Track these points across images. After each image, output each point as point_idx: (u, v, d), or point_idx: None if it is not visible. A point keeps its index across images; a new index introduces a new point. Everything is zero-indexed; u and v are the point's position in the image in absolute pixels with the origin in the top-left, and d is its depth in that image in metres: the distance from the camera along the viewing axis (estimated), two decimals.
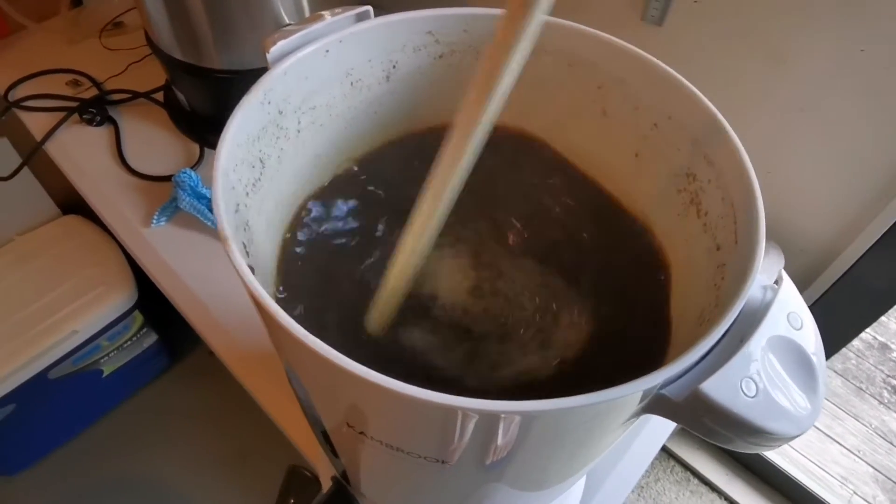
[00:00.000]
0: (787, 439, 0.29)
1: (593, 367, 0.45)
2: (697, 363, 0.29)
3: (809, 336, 0.31)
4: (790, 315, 0.31)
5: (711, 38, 0.79)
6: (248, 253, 0.38)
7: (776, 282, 0.33)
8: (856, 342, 1.97)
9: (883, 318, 2.00)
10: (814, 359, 0.30)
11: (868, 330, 1.97)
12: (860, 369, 1.91)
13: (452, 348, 0.47)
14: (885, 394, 1.86)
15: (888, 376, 1.90)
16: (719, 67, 0.80)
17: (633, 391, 0.27)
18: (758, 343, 0.29)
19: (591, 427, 0.33)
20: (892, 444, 1.74)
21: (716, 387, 0.28)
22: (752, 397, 0.28)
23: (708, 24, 0.78)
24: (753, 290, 0.31)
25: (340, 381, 0.29)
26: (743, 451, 0.39)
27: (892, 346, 1.98)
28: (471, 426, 0.28)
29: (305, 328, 0.28)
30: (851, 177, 0.79)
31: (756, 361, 0.29)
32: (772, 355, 0.30)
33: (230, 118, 0.38)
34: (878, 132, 0.73)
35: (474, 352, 0.47)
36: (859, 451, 1.71)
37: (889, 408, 1.83)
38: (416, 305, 0.48)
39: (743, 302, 0.30)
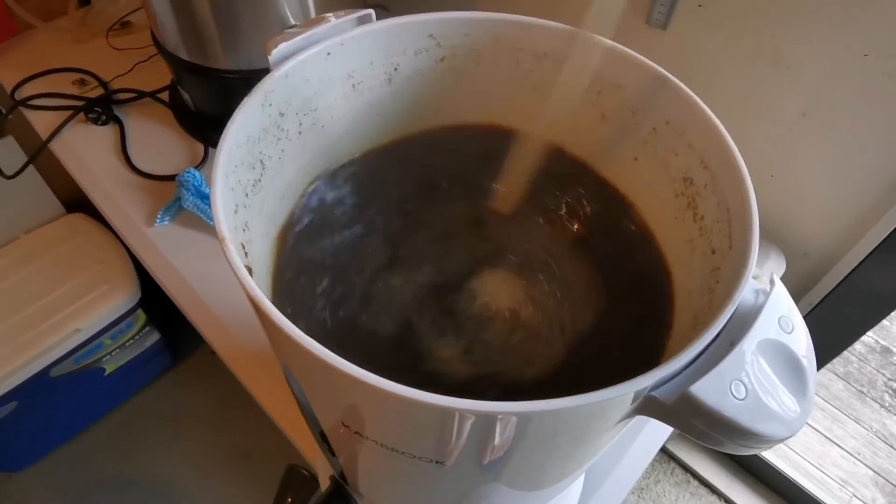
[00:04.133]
0: (777, 441, 0.29)
1: (591, 370, 0.45)
2: (688, 366, 0.29)
3: (800, 340, 0.31)
4: (781, 319, 0.31)
5: (716, 42, 0.79)
6: (246, 253, 0.38)
7: (769, 285, 0.33)
8: (858, 346, 1.97)
9: (885, 322, 2.01)
10: (804, 362, 0.30)
11: (870, 334, 1.98)
12: (862, 373, 1.91)
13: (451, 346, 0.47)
14: (887, 397, 1.86)
15: (889, 380, 1.90)
16: (723, 71, 0.80)
17: (623, 392, 0.27)
18: (748, 346, 0.29)
19: (586, 427, 0.33)
20: (892, 447, 1.74)
21: (705, 389, 0.28)
22: (742, 400, 0.28)
23: (712, 28, 0.78)
24: (746, 293, 0.31)
25: (336, 381, 0.29)
26: (735, 454, 0.39)
27: (894, 350, 1.98)
28: (466, 427, 0.29)
29: (302, 329, 0.28)
30: (854, 181, 0.79)
31: (746, 364, 0.29)
32: (762, 358, 0.30)
33: (230, 119, 0.38)
34: (880, 137, 0.73)
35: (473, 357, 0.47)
36: (859, 454, 1.71)
37: (890, 411, 1.83)
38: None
39: (735, 305, 0.30)
